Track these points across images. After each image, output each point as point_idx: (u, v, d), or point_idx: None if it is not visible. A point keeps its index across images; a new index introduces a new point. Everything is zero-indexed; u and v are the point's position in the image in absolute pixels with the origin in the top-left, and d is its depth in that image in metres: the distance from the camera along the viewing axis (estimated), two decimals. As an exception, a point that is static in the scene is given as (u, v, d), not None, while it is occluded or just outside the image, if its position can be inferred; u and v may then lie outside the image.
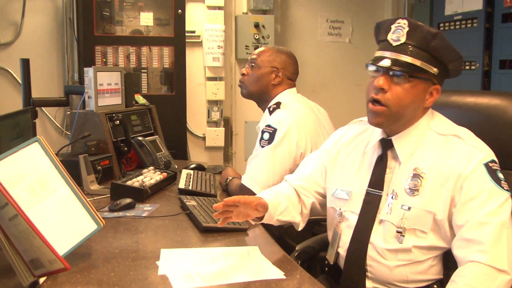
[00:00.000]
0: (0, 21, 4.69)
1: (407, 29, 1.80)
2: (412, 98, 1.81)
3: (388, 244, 1.82)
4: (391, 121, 1.85)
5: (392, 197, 1.84)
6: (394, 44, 1.81)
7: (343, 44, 5.57)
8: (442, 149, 1.81)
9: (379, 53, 1.86)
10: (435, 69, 1.80)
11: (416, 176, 1.81)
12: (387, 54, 1.82)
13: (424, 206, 1.77)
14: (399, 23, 1.82)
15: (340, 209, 1.99)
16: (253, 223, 2.17)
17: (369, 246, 1.86)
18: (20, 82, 3.73)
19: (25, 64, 3.62)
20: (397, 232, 1.80)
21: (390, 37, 1.83)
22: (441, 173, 1.77)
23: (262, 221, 2.10)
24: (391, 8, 5.66)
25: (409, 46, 1.79)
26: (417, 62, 1.78)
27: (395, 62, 1.79)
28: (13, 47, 4.72)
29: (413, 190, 1.80)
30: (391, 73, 1.81)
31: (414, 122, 1.88)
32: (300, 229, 2.19)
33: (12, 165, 1.62)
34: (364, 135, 2.04)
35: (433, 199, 1.77)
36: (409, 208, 1.79)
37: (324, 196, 2.14)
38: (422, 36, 1.78)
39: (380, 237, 1.84)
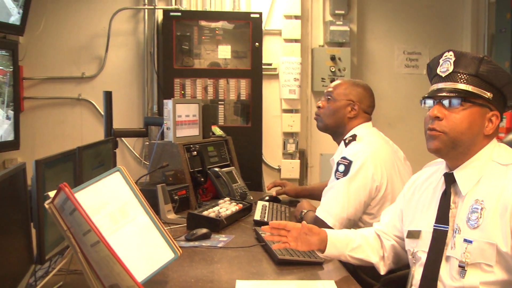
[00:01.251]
0: (85, 56, 4.94)
1: (453, 58, 1.80)
2: (468, 124, 1.78)
3: (455, 281, 1.75)
4: (449, 147, 1.81)
5: (455, 232, 1.79)
6: (444, 75, 1.82)
7: (420, 76, 5.48)
8: (502, 179, 1.75)
9: (431, 88, 1.87)
10: (488, 94, 1.77)
11: (476, 208, 1.75)
12: (439, 85, 1.83)
13: (485, 238, 1.70)
14: (445, 55, 1.84)
15: (413, 249, 1.95)
16: (320, 255, 2.15)
17: (438, 283, 1.80)
18: (103, 113, 3.86)
19: (108, 96, 3.76)
20: (459, 266, 1.74)
21: (439, 70, 1.84)
22: (500, 203, 1.71)
23: (327, 254, 2.11)
24: (470, 39, 5.53)
25: (459, 74, 1.79)
26: (469, 88, 1.77)
27: (446, 90, 1.79)
28: (96, 80, 4.94)
29: (474, 223, 1.74)
30: (444, 101, 1.80)
31: (475, 151, 1.82)
32: (382, 272, 2.16)
33: (95, 193, 1.68)
34: (436, 175, 2.01)
35: (493, 231, 1.70)
36: (471, 242, 1.73)
37: (403, 239, 2.10)
38: (469, 62, 1.78)
39: (447, 274, 1.78)
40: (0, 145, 4.30)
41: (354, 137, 2.75)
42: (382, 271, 2.16)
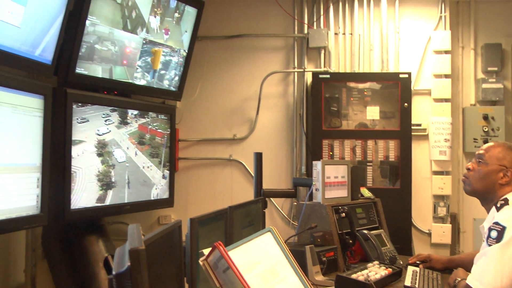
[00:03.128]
0: (237, 118, 5.16)
1: None
2: None
3: None
4: None
5: None
6: None
7: None
8: None
9: None
10: None
11: None
12: None
13: None
14: None
15: None
16: None
17: None
18: (252, 173, 3.96)
19: (259, 157, 3.87)
20: None
21: None
22: None
23: None
24: None
25: None
26: None
27: None
28: (247, 141, 5.13)
29: None
30: None
31: None
32: None
33: (247, 252, 1.71)
34: None
35: None
36: None
37: None
38: None
39: None
40: (156, 202, 4.54)
41: (506, 201, 2.60)
42: None
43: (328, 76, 4.79)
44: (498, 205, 2.62)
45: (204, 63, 5.11)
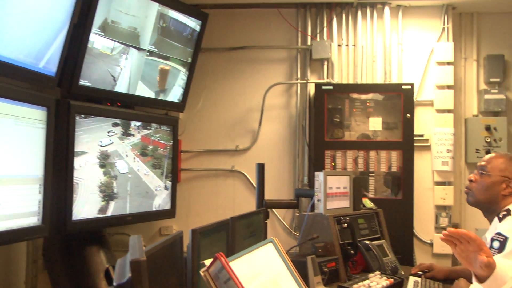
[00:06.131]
0: (239, 129, 5.18)
1: None
2: None
3: None
4: None
5: None
6: None
7: None
8: None
9: None
10: None
11: None
12: None
13: None
14: None
15: None
16: (473, 280, 2.00)
17: None
18: (254, 184, 3.97)
19: (261, 168, 3.88)
20: None
21: None
22: None
23: (483, 285, 1.96)
24: None
25: None
26: None
27: None
28: (249, 152, 5.14)
29: None
30: None
31: None
32: None
33: (248, 263, 1.72)
34: None
35: None
36: None
37: None
38: None
39: None
40: (158, 213, 4.55)
41: (509, 212, 2.62)
42: None
43: (331, 87, 4.81)
44: (501, 216, 2.63)
45: (207, 75, 5.14)
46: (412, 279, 3.00)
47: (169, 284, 1.85)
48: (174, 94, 4.63)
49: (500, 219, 2.64)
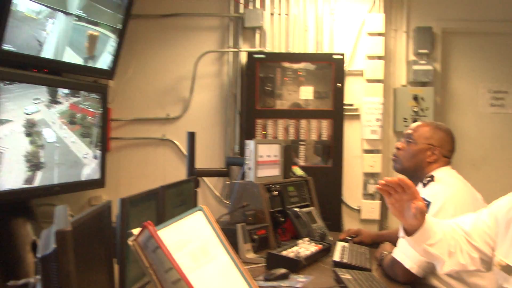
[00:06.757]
0: (171, 98, 5.12)
1: None
2: None
3: None
4: None
5: None
6: None
7: (507, 115, 5.31)
8: None
9: None
10: None
11: None
12: None
13: None
14: None
15: (502, 284, 1.88)
16: (400, 234, 2.06)
17: None
18: (185, 153, 3.95)
19: (191, 137, 3.86)
20: None
21: None
22: None
23: (411, 238, 1.99)
24: None
25: None
26: None
27: None
28: (180, 121, 5.10)
29: None
30: None
31: None
32: (441, 272, 2.08)
33: (177, 232, 1.71)
34: None
35: None
36: None
37: (486, 256, 2.01)
38: None
39: None
40: (87, 183, 4.48)
41: (432, 178, 2.71)
42: (442, 270, 2.05)
43: (263, 56, 4.81)
44: (425, 182, 2.73)
45: (138, 42, 5.04)
46: (340, 244, 3.07)
47: (96, 254, 1.82)
48: (104, 61, 4.52)
49: (424, 185, 2.73)
